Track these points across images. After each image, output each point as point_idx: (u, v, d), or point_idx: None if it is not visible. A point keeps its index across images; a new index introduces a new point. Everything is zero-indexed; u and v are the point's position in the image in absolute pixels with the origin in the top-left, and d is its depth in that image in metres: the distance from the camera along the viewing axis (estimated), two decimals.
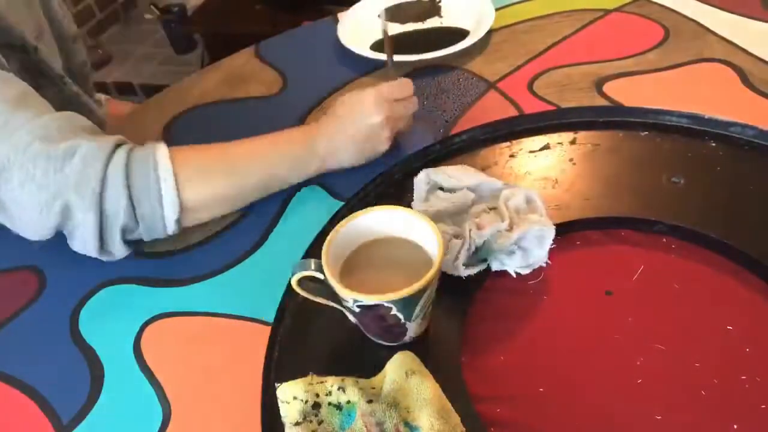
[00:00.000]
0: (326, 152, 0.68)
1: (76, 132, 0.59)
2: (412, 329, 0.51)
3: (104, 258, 0.63)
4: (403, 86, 0.70)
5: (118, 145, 0.60)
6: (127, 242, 0.63)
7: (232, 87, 0.91)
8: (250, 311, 0.59)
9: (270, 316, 0.56)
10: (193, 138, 0.81)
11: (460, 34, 0.92)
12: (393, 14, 0.98)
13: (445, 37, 0.92)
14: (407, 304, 0.46)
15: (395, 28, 0.93)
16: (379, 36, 0.86)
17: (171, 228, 0.63)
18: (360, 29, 0.95)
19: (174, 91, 0.92)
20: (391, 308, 0.46)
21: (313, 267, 0.48)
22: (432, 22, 0.97)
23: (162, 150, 0.61)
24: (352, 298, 0.46)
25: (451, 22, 0.96)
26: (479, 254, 0.56)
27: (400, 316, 0.47)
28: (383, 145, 0.70)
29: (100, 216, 0.58)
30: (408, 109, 0.71)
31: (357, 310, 0.48)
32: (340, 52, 0.92)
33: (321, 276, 0.48)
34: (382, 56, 0.85)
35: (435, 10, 0.98)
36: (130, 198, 0.59)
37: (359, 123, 0.68)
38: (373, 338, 0.53)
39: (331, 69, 0.90)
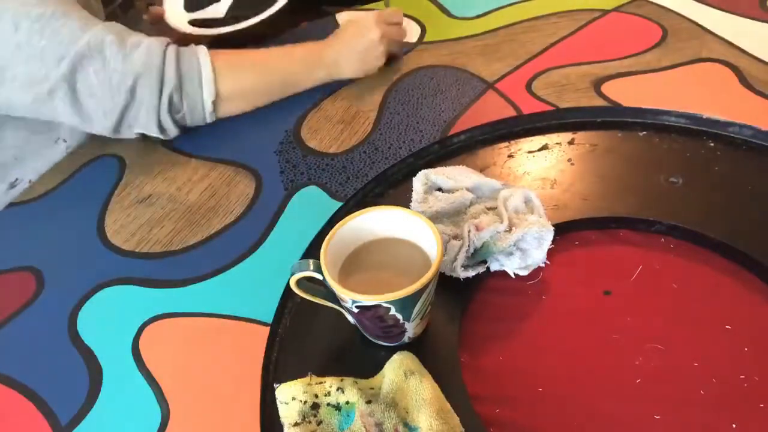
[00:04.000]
0: (332, 62, 0.83)
1: (134, 32, 0.75)
2: (411, 329, 0.51)
3: (162, 136, 0.78)
4: (397, 13, 0.88)
5: (169, 43, 0.76)
6: (176, 123, 0.77)
7: None
8: (250, 311, 0.59)
9: (269, 317, 0.56)
10: (194, 137, 0.81)
11: None
12: None
13: None
14: (406, 304, 0.46)
15: None
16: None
17: (208, 109, 0.77)
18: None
19: None
20: (389, 308, 0.46)
21: (311, 267, 0.48)
22: None
23: (203, 48, 0.77)
24: (350, 299, 0.46)
25: None
26: (478, 256, 0.56)
27: (399, 316, 0.47)
28: (379, 60, 0.85)
29: (159, 94, 0.73)
30: (399, 35, 0.88)
31: (356, 310, 0.48)
32: None
33: (320, 276, 0.48)
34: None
35: None
36: (180, 78, 0.74)
37: (361, 38, 0.83)
38: (372, 338, 0.53)
39: None
